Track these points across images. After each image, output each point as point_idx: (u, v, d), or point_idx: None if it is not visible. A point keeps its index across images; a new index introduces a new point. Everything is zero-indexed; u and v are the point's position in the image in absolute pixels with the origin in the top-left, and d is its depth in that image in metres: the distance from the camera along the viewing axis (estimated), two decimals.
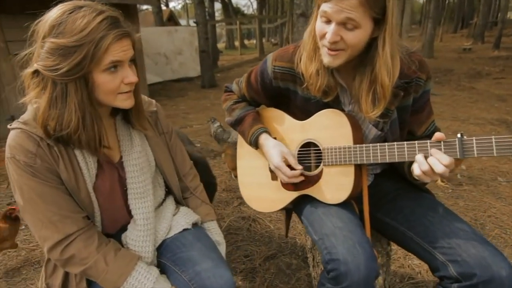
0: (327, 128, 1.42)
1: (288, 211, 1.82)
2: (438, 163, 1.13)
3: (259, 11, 31.06)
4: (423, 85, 1.35)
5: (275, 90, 1.55)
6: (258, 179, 1.68)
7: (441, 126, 1.48)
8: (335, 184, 1.40)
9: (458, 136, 1.12)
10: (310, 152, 1.51)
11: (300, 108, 1.51)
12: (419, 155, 1.19)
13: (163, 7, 27.34)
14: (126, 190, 1.31)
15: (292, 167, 1.46)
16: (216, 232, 1.52)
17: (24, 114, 1.15)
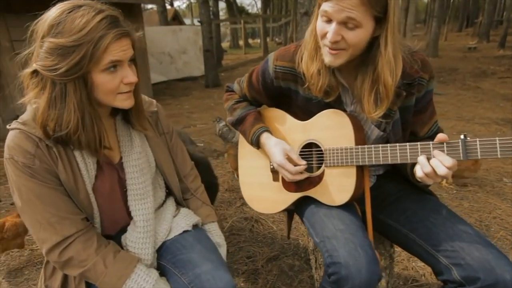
0: (329, 128, 1.40)
1: (289, 213, 1.81)
2: (441, 165, 1.11)
3: (264, 10, 31.13)
4: (426, 84, 1.33)
5: (277, 90, 1.53)
6: (260, 179, 1.67)
7: (445, 126, 1.46)
8: (337, 185, 1.39)
9: (461, 137, 1.10)
10: (312, 152, 1.49)
11: (301, 108, 1.50)
12: (422, 157, 1.17)
13: (168, 6, 27.34)
14: (126, 191, 1.29)
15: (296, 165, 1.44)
16: (216, 233, 1.50)
17: (23, 115, 1.14)
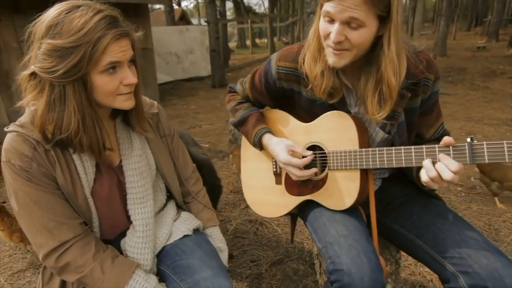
0: (332, 130, 1.37)
1: (293, 216, 1.78)
2: (446, 170, 1.08)
3: (271, 10, 31.08)
4: (432, 85, 1.30)
5: (279, 91, 1.50)
6: (263, 182, 1.64)
7: (454, 127, 1.42)
8: (340, 189, 1.36)
9: (468, 140, 1.07)
10: (315, 155, 1.46)
11: (305, 109, 1.47)
12: (427, 161, 1.14)
13: (175, 6, 27.43)
14: (125, 194, 1.28)
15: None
16: (218, 238, 1.48)
17: (21, 117, 1.13)
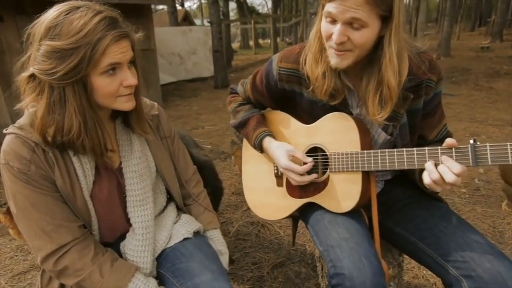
0: (334, 132, 1.36)
1: (295, 219, 1.76)
2: (449, 172, 1.06)
3: (274, 10, 31.01)
4: (434, 86, 1.28)
5: (281, 92, 1.49)
6: (264, 184, 1.63)
7: (458, 128, 1.41)
8: (342, 192, 1.34)
9: (471, 142, 1.05)
10: (317, 157, 1.44)
11: (306, 111, 1.45)
12: (429, 163, 1.12)
13: (178, 7, 27.46)
14: (125, 197, 1.26)
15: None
16: (218, 241, 1.46)
17: (20, 119, 1.12)
